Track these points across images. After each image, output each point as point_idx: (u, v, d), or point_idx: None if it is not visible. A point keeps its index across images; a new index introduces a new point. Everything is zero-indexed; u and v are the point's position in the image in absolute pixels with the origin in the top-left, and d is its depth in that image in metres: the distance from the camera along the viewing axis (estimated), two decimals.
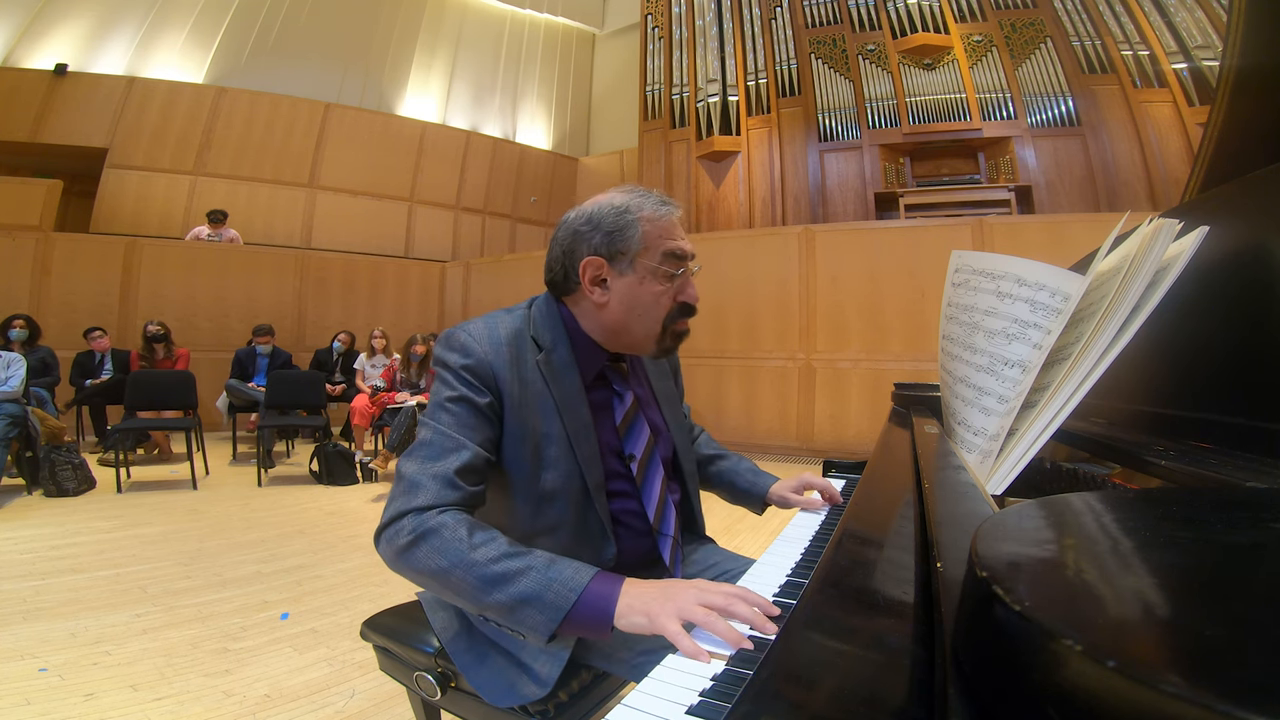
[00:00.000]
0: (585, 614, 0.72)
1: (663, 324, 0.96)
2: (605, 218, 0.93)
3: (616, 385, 1.03)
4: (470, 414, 0.88)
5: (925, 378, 4.02)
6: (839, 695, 0.36)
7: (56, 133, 7.74)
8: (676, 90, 9.02)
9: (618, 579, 0.74)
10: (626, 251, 0.92)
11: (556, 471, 0.92)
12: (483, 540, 0.77)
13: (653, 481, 1.02)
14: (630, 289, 0.94)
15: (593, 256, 0.93)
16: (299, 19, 9.37)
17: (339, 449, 4.52)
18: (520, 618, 0.74)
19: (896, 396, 1.67)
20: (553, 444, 0.92)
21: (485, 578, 0.74)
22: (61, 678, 1.75)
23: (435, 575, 0.77)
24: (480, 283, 7.78)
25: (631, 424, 1.02)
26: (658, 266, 0.94)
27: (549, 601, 0.72)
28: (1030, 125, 7.44)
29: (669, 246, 0.94)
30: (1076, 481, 0.80)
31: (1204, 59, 6.78)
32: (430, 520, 0.78)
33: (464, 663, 0.94)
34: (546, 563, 0.75)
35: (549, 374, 0.94)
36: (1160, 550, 0.31)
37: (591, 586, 0.73)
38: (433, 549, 0.77)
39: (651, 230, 0.93)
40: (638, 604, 0.70)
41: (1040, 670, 0.22)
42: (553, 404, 0.93)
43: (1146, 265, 0.65)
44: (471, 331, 0.93)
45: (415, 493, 0.81)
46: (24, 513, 3.45)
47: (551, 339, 0.96)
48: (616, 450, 1.00)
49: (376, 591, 2.48)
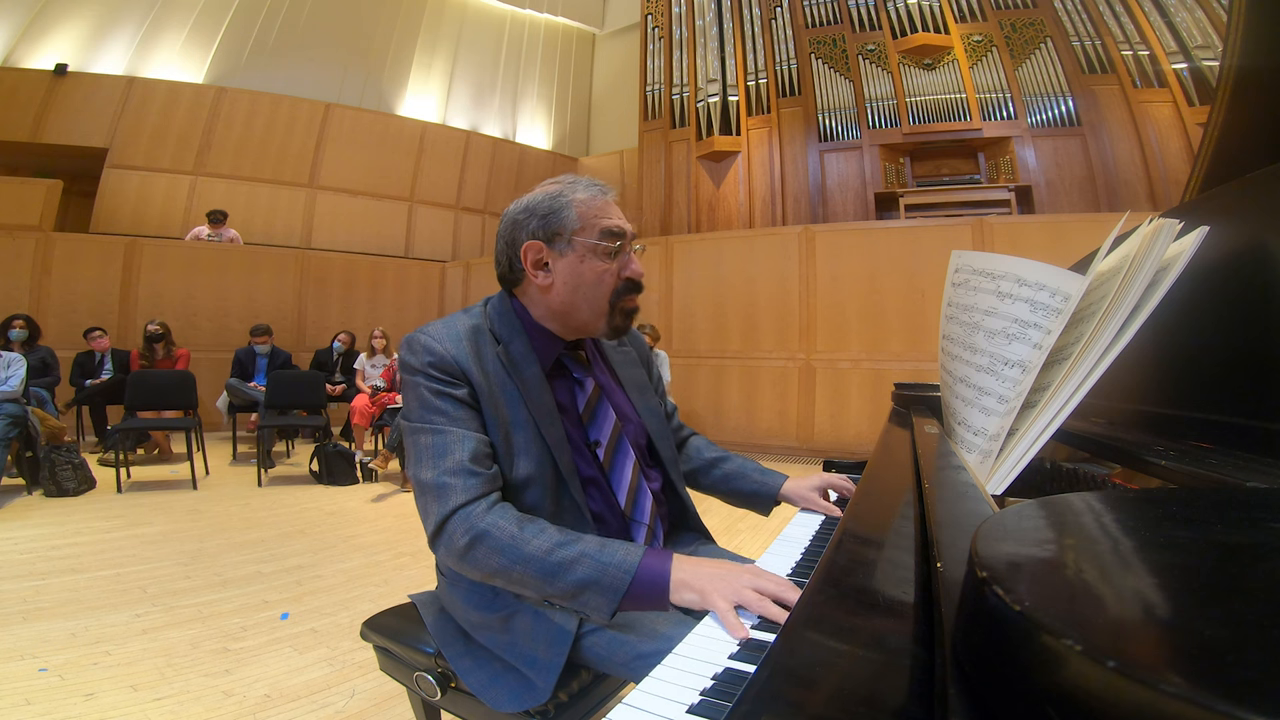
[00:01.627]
0: (641, 591, 0.77)
1: (610, 301, 0.98)
2: (540, 203, 0.96)
3: (576, 373, 1.04)
4: (454, 405, 0.90)
5: (925, 378, 4.02)
6: (839, 695, 0.36)
7: (56, 133, 7.74)
8: (676, 90, 9.02)
9: (666, 555, 0.79)
10: (562, 232, 0.95)
11: (528, 458, 0.93)
12: (533, 533, 0.81)
13: (622, 468, 1.02)
14: (572, 268, 0.95)
15: (531, 241, 0.95)
16: (299, 19, 9.37)
17: (339, 449, 4.52)
18: (582, 602, 0.79)
19: (896, 396, 1.67)
20: (521, 430, 0.93)
21: (544, 570, 0.79)
22: (61, 678, 1.75)
23: (497, 573, 0.81)
24: (480, 283, 7.78)
25: (595, 410, 1.03)
26: (596, 244, 0.95)
27: (607, 585, 0.77)
28: (1030, 125, 7.43)
29: (605, 224, 0.96)
30: (1076, 481, 0.80)
31: (1204, 59, 6.77)
32: (480, 523, 0.82)
33: (462, 668, 0.95)
34: (598, 547, 0.80)
35: (509, 364, 0.96)
36: (1160, 550, 0.31)
37: (644, 564, 0.78)
38: (490, 550, 0.81)
39: (585, 210, 0.95)
40: (692, 581, 0.75)
41: (1040, 670, 0.22)
42: (517, 392, 0.95)
43: (1147, 265, 0.65)
44: (431, 332, 0.95)
45: (446, 494, 0.84)
46: (24, 513, 3.45)
47: (508, 332, 0.98)
48: (582, 437, 1.01)
49: (376, 591, 2.48)
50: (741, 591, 0.71)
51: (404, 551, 3.00)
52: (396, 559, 2.89)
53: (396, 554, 2.96)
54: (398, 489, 4.29)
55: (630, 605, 0.78)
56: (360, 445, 4.89)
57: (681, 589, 0.75)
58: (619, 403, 1.08)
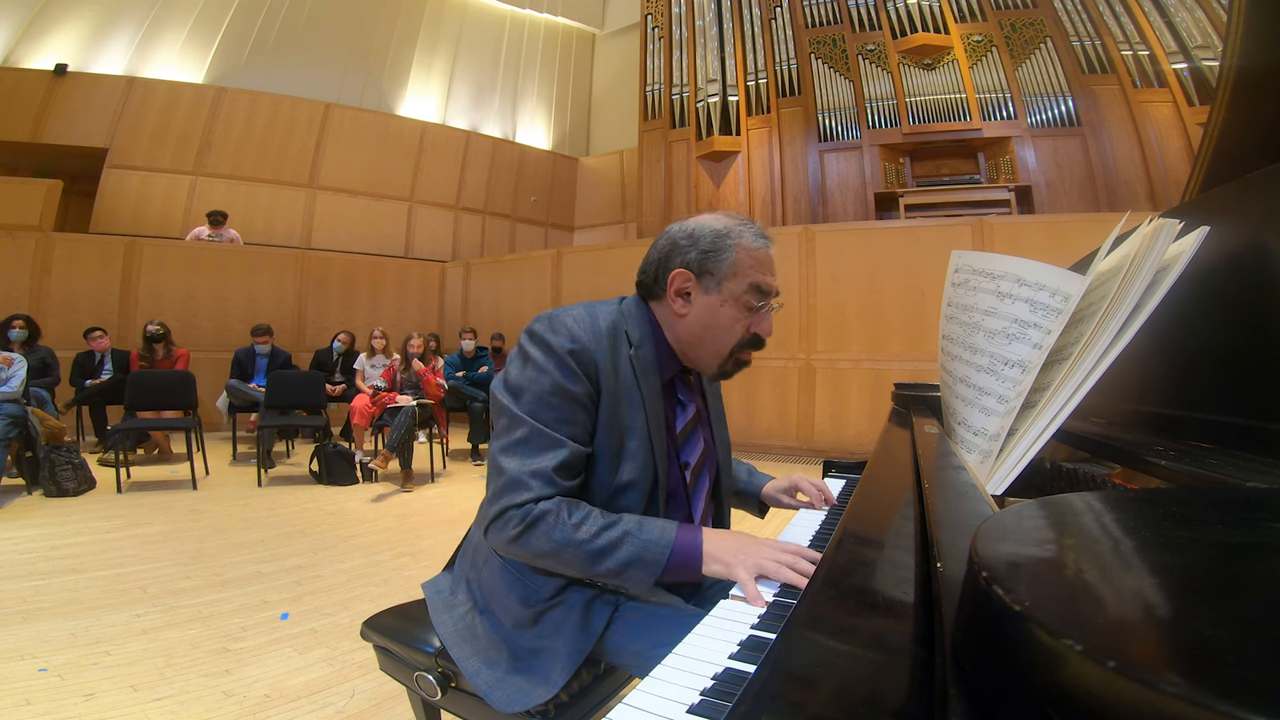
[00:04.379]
0: (678, 563, 0.84)
1: (730, 349, 0.98)
2: (705, 236, 0.96)
3: (682, 395, 1.06)
4: (568, 407, 0.90)
5: (925, 378, 4.03)
6: (839, 695, 0.36)
7: (56, 133, 7.74)
8: (676, 90, 9.02)
9: (696, 530, 0.87)
10: (716, 272, 0.95)
11: (635, 464, 0.95)
12: (581, 519, 0.86)
13: (700, 492, 1.06)
14: (710, 309, 0.96)
15: (682, 269, 0.96)
16: (299, 19, 9.37)
17: (339, 449, 4.51)
18: (626, 578, 0.86)
19: (896, 396, 1.67)
20: (634, 437, 0.95)
21: (592, 552, 0.85)
22: (61, 678, 1.75)
23: (547, 555, 0.86)
24: (480, 283, 7.78)
25: (690, 435, 1.06)
26: (741, 295, 0.96)
27: (648, 561, 0.84)
28: (1030, 125, 7.44)
29: (758, 280, 0.96)
30: (1076, 481, 0.80)
31: (1204, 59, 6.77)
32: (534, 510, 0.86)
33: (470, 668, 0.95)
34: (636, 526, 0.86)
35: (639, 368, 0.96)
36: (1160, 550, 0.31)
37: (679, 539, 0.85)
38: (541, 534, 0.85)
39: (745, 259, 0.95)
40: (718, 553, 0.83)
41: (1040, 670, 0.22)
42: (639, 398, 0.96)
43: (1147, 265, 0.65)
44: (576, 317, 0.94)
45: (517, 490, 0.86)
46: (24, 513, 3.44)
47: (640, 336, 0.98)
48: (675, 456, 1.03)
49: (376, 591, 2.48)
50: (762, 562, 0.79)
51: (404, 551, 3.00)
52: (396, 559, 2.89)
53: (396, 554, 2.96)
54: (398, 489, 4.29)
55: (669, 578, 0.85)
56: (360, 445, 4.89)
57: (710, 561, 0.83)
58: (706, 432, 1.11)
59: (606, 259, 6.78)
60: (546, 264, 7.14)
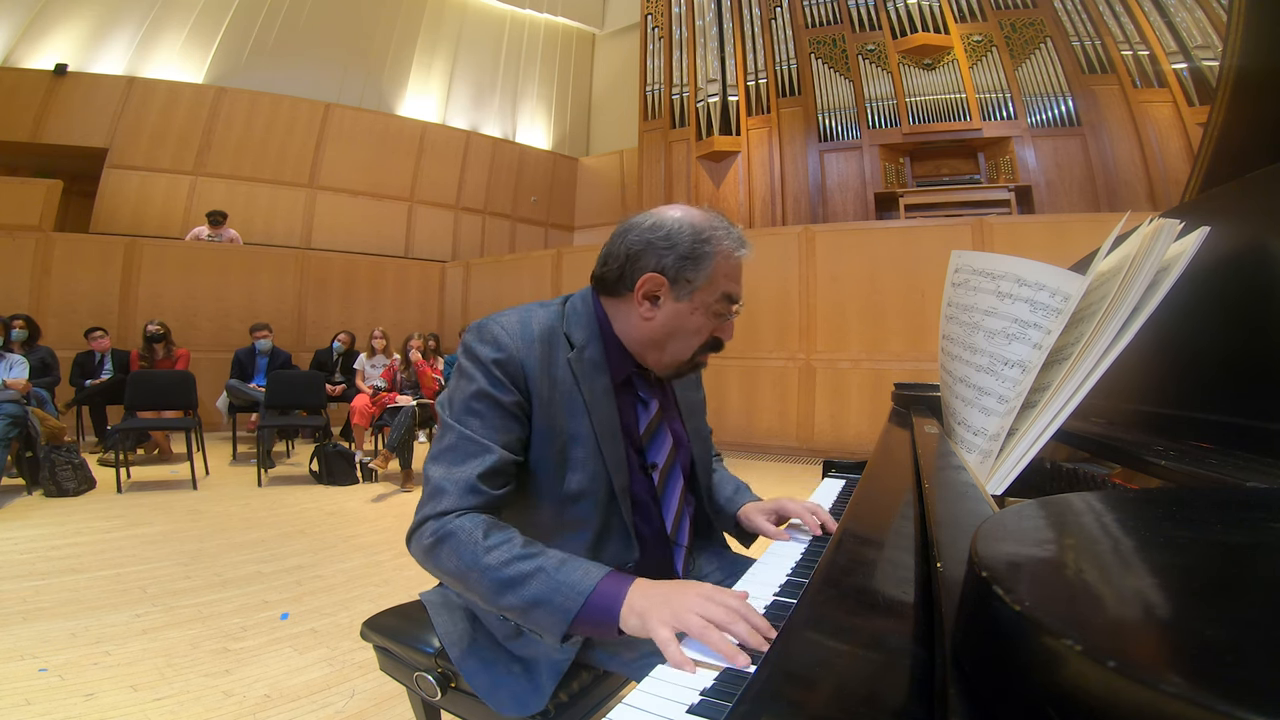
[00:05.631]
0: (593, 616, 0.72)
1: (692, 354, 0.96)
2: (683, 239, 0.91)
3: (643, 392, 1.01)
4: (496, 414, 0.87)
5: (925, 378, 4.02)
6: (839, 695, 0.36)
7: (56, 133, 7.74)
8: (676, 90, 9.02)
9: (627, 579, 0.74)
10: (693, 280, 0.91)
11: (583, 473, 0.91)
12: (497, 542, 0.78)
13: (672, 492, 1.02)
14: (679, 315, 0.93)
15: (657, 274, 0.91)
16: (299, 19, 9.37)
17: (339, 449, 4.52)
18: (533, 619, 0.75)
19: (896, 396, 1.67)
20: (579, 444, 0.91)
21: (498, 581, 0.75)
22: (61, 678, 1.75)
23: (454, 576, 0.79)
24: (480, 283, 7.78)
25: (655, 432, 1.02)
26: (713, 304, 0.93)
27: (558, 605, 0.73)
28: (1030, 125, 7.43)
29: (730, 289, 0.94)
30: (1076, 481, 0.80)
31: (1204, 59, 6.77)
32: (449, 524, 0.80)
33: (468, 669, 0.95)
34: (557, 564, 0.76)
35: (580, 372, 0.92)
36: (1160, 550, 0.31)
37: (600, 589, 0.73)
38: (450, 551, 0.79)
39: (722, 267, 0.92)
40: (637, 605, 0.70)
41: (1040, 670, 0.22)
42: (582, 403, 0.92)
43: (1147, 265, 0.65)
44: (505, 325, 0.91)
45: (439, 498, 0.82)
46: (24, 513, 3.44)
47: (585, 336, 0.95)
48: (640, 458, 1.00)
49: (376, 591, 2.48)
50: (682, 617, 0.65)
51: (404, 551, 2.97)
52: (396, 559, 2.89)
53: (396, 554, 2.96)
54: (398, 489, 4.29)
55: (581, 630, 0.74)
56: (360, 445, 4.89)
57: (629, 615, 0.70)
58: (675, 426, 1.07)
59: None
60: (546, 264, 7.14)
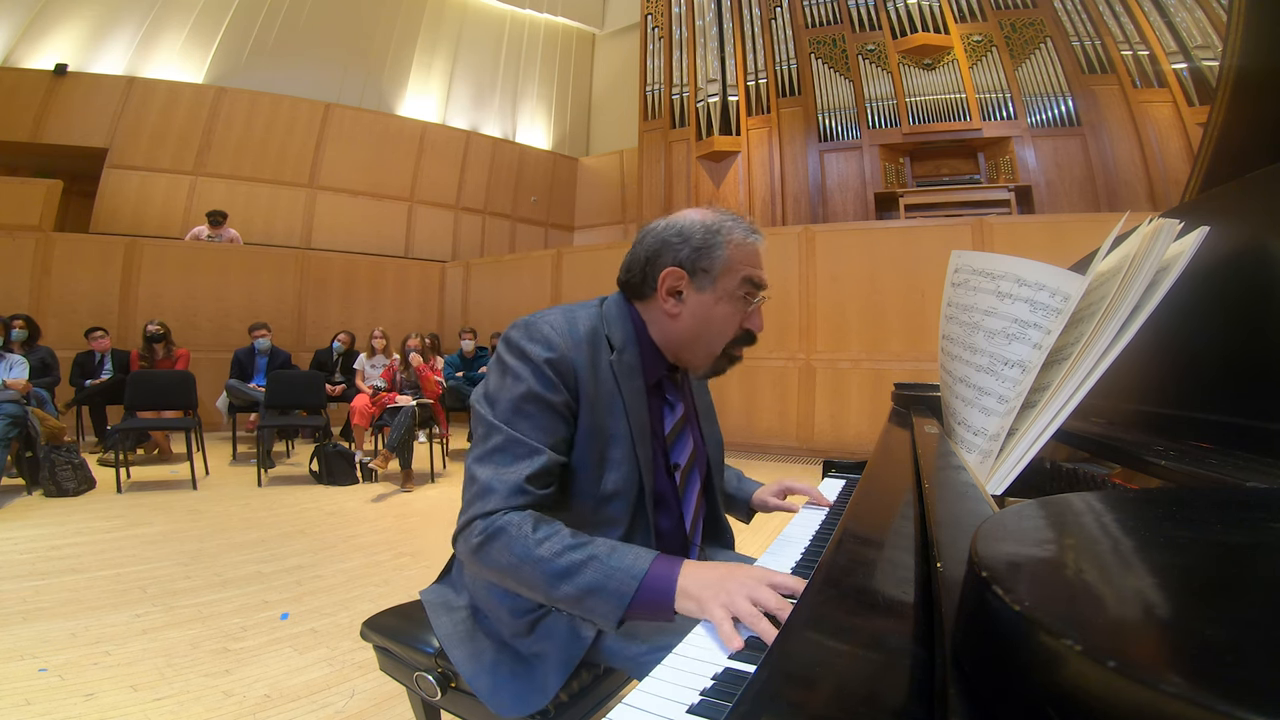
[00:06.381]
0: (647, 599, 0.74)
1: (725, 347, 0.97)
2: (695, 233, 0.94)
3: (670, 395, 1.03)
4: (546, 415, 0.87)
5: (925, 378, 4.02)
6: (839, 695, 0.36)
7: (56, 133, 7.74)
8: (676, 90, 9.02)
9: (677, 561, 0.76)
10: (710, 269, 0.93)
11: (618, 473, 0.93)
12: (547, 534, 0.80)
13: (691, 492, 1.04)
14: (704, 307, 0.95)
15: (675, 268, 0.93)
16: (299, 19, 9.37)
17: (339, 449, 4.51)
18: (588, 607, 0.77)
19: (896, 396, 1.67)
20: (617, 445, 0.93)
21: (553, 571, 0.77)
22: (61, 678, 1.75)
23: (506, 571, 0.80)
24: (480, 283, 7.78)
25: (679, 435, 1.04)
26: (735, 290, 0.95)
27: (613, 590, 0.75)
28: (1030, 125, 7.44)
29: (750, 273, 0.96)
30: (1076, 481, 0.80)
31: (1204, 59, 6.78)
32: (497, 520, 0.81)
33: (469, 671, 0.95)
34: (608, 551, 0.78)
35: (621, 373, 0.94)
36: (1160, 550, 0.31)
37: (652, 571, 0.75)
38: (501, 546, 0.80)
39: (737, 254, 0.94)
40: (692, 589, 0.73)
41: (1040, 670, 0.22)
42: (621, 404, 0.93)
43: (1147, 265, 0.65)
44: (554, 324, 0.91)
45: (486, 498, 0.83)
46: (24, 513, 3.44)
47: (623, 339, 0.96)
48: (665, 459, 1.02)
49: (376, 591, 2.48)
50: (737, 604, 0.68)
51: (404, 551, 3.00)
52: (396, 559, 2.89)
53: (396, 554, 2.96)
54: (398, 489, 4.29)
55: (637, 613, 0.75)
56: (360, 445, 4.89)
57: (683, 598, 0.73)
58: (694, 430, 1.09)
59: (606, 259, 6.78)
60: (546, 264, 7.15)
